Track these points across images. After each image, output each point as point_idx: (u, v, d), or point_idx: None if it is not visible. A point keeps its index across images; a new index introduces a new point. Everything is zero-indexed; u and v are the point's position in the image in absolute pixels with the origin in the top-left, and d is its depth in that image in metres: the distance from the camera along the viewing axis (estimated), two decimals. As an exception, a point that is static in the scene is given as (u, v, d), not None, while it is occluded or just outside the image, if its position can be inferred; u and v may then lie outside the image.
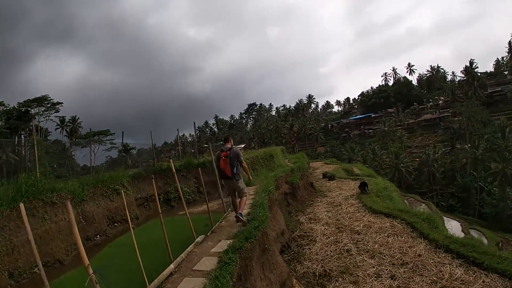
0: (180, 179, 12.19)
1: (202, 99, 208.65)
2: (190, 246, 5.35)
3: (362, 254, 8.11)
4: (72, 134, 49.03)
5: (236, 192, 6.70)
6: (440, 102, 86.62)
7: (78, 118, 52.47)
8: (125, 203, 4.93)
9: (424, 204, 27.06)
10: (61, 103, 46.85)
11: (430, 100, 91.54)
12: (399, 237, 8.92)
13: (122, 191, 7.12)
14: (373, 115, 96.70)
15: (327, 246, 8.83)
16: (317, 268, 7.51)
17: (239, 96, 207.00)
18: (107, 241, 7.04)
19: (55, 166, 16.17)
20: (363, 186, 14.30)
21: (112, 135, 37.61)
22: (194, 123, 30.31)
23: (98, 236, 7.29)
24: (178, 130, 18.14)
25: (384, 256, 7.84)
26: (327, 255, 8.25)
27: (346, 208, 12.32)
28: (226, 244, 4.96)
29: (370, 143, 76.58)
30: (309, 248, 8.81)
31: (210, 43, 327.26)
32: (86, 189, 7.59)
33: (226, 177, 6.62)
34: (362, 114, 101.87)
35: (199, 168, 7.46)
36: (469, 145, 56.08)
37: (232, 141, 7.03)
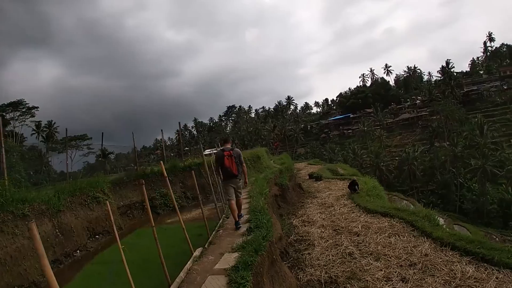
0: (165, 183, 11.43)
1: (181, 102, 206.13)
2: (189, 262, 4.62)
3: (366, 257, 7.62)
4: (48, 139, 47.22)
5: (235, 192, 6.77)
6: (418, 101, 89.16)
7: (55, 123, 50.86)
8: (110, 213, 4.20)
9: (407, 202, 27.24)
10: (37, 107, 46.08)
11: (408, 100, 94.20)
12: (400, 237, 8.51)
13: (104, 199, 6.32)
14: (351, 116, 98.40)
15: (327, 250, 8.30)
16: (321, 275, 6.94)
17: (218, 98, 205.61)
18: (89, 257, 6.21)
19: (32, 173, 15.42)
20: (352, 185, 13.96)
21: (89, 140, 36.14)
22: (179, 123, 28.90)
23: (78, 251, 6.45)
24: (162, 131, 17.08)
25: (390, 257, 7.38)
26: (329, 260, 7.70)
27: (339, 209, 11.90)
28: (232, 259, 4.31)
29: (350, 143, 77.89)
30: (308, 253, 8.24)
31: (189, 45, 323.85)
32: (62, 198, 6.73)
33: (232, 175, 6.66)
34: (341, 115, 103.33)
35: (193, 171, 6.73)
36: (447, 143, 57.67)
37: (231, 141, 7.14)
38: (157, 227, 7.51)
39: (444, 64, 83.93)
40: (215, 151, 18.51)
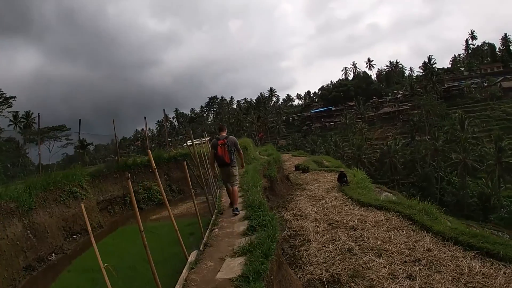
0: (148, 176, 10.68)
1: (162, 93, 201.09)
2: (184, 270, 3.83)
3: (366, 252, 7.18)
4: (26, 130, 45.78)
5: (230, 179, 7.06)
6: (399, 96, 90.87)
7: (32, 113, 49.38)
8: (85, 215, 3.48)
9: (391, 194, 27.36)
10: (14, 97, 44.85)
11: (389, 94, 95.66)
12: (399, 231, 8.14)
13: (82, 194, 5.55)
14: (333, 108, 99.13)
15: (325, 246, 7.83)
16: (322, 273, 6.44)
17: (199, 89, 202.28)
18: (66, 261, 5.42)
19: (9, 165, 14.95)
20: (341, 178, 13.61)
21: (68, 130, 34.74)
22: (164, 110, 27.13)
23: (53, 254, 5.65)
24: (145, 118, 15.72)
25: (392, 253, 6.98)
26: (328, 256, 7.22)
27: (330, 202, 11.52)
28: (236, 265, 3.61)
29: (331, 135, 78.57)
30: (305, 250, 7.75)
31: (171, 34, 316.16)
32: (34, 194, 5.87)
33: (225, 164, 6.91)
34: (322, 108, 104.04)
35: (184, 163, 5.97)
36: (428, 137, 58.89)
37: (226, 129, 7.40)
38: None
39: (426, 60, 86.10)
40: (198, 141, 17.75)
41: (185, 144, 17.88)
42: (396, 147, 59.19)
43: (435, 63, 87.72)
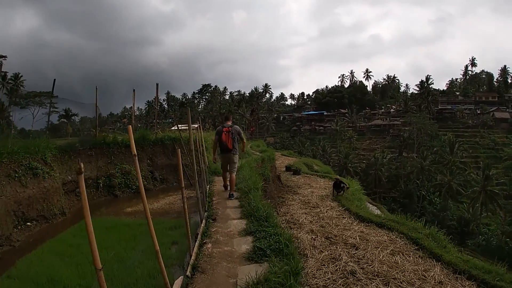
0: (129, 157, 9.37)
1: (156, 73, 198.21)
2: None
3: (372, 279, 6.15)
4: (13, 93, 43.86)
5: (229, 166, 7.53)
6: (392, 110, 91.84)
7: (21, 76, 47.19)
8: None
9: (375, 207, 26.76)
10: (5, 56, 42.84)
11: (382, 107, 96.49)
12: (406, 256, 7.17)
13: (44, 171, 4.31)
14: (325, 113, 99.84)
15: (324, 265, 6.76)
16: (324, 302, 5.42)
17: (194, 75, 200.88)
18: (11, 257, 4.13)
19: None
20: (338, 185, 12.59)
21: (55, 98, 33.26)
22: (157, 84, 24.83)
23: (-4, 246, 4.32)
24: (134, 91, 13.87)
25: (401, 282, 5.97)
26: (328, 279, 6.15)
27: (326, 212, 10.50)
28: None
29: (320, 139, 78.55)
30: (302, 268, 6.70)
31: (174, 17, 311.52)
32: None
33: (227, 150, 7.38)
34: (315, 111, 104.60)
35: (178, 150, 4.60)
36: (416, 155, 59.32)
37: (232, 119, 7.90)
38: (112, 220, 5.47)
39: (424, 79, 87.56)
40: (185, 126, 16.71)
41: (173, 128, 16.51)
42: (383, 160, 59.40)
43: (432, 83, 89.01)
